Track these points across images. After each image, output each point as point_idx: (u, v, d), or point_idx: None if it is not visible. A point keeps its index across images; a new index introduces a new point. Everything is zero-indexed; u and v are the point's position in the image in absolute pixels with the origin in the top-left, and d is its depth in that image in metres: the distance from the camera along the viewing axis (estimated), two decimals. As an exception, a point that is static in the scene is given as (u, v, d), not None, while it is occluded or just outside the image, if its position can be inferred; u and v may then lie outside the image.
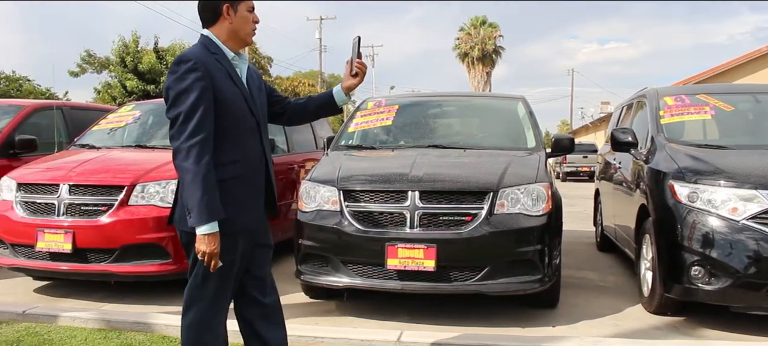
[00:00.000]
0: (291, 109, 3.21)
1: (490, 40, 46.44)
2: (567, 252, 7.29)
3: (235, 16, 2.82)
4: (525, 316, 4.96)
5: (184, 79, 2.64)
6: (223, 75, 2.75)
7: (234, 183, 2.75)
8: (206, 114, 2.64)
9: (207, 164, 2.60)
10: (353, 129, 6.39)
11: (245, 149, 2.82)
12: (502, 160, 5.17)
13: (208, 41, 2.81)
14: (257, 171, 2.90)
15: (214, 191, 2.62)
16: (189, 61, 2.66)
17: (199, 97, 2.63)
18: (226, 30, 2.83)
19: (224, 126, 2.71)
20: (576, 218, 11.22)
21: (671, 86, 9.36)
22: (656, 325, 4.81)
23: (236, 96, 2.78)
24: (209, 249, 2.62)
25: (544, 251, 4.66)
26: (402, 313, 5.01)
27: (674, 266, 4.64)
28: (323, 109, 3.23)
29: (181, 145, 2.61)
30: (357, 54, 3.06)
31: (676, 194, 4.73)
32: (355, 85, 3.09)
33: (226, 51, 2.83)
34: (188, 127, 2.61)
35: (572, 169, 30.79)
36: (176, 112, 2.64)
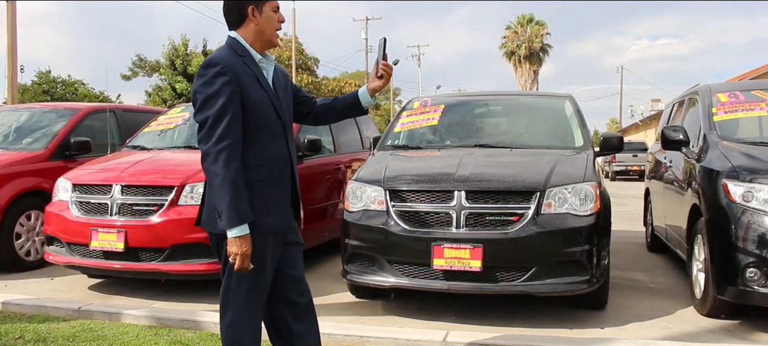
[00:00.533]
0: (317, 110, 3.22)
1: (537, 38, 45.95)
2: (616, 252, 7.18)
3: (260, 17, 2.83)
4: (572, 317, 4.90)
5: (213, 84, 2.66)
6: (250, 78, 2.76)
7: (261, 185, 2.77)
8: (234, 118, 2.67)
9: (236, 168, 2.63)
10: (399, 129, 6.39)
11: (272, 152, 2.84)
12: (550, 159, 5.12)
13: (236, 43, 2.83)
14: (283, 173, 2.92)
15: (244, 194, 2.65)
16: (217, 65, 2.68)
17: (227, 101, 2.65)
18: (252, 31, 2.84)
19: (251, 129, 2.73)
20: (626, 217, 11.04)
21: (725, 82, 9.12)
22: (709, 328, 4.70)
23: (263, 99, 2.80)
24: (240, 251, 2.65)
25: (592, 252, 4.59)
26: (448, 313, 5.00)
27: (728, 268, 4.52)
28: (349, 110, 3.23)
29: (209, 149, 2.64)
30: (383, 56, 3.04)
31: (729, 193, 4.61)
32: (380, 87, 3.08)
33: (253, 53, 2.84)
34: (216, 132, 2.63)
35: (622, 168, 30.33)
36: (204, 116, 2.66)
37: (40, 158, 7.13)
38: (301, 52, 43.27)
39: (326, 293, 5.70)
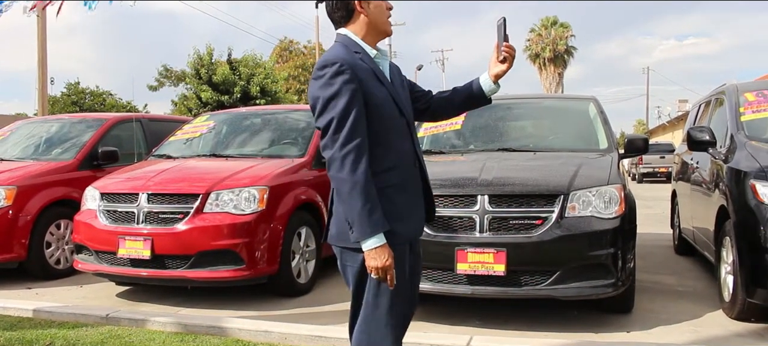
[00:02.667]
0: (436, 104, 2.96)
1: (561, 40, 45.75)
2: (642, 255, 7.10)
3: (368, 8, 2.64)
4: (598, 321, 4.86)
5: (332, 84, 2.45)
6: (369, 75, 2.55)
7: (392, 191, 2.54)
8: (359, 118, 2.45)
9: (365, 172, 2.41)
10: (422, 134, 6.39)
11: (399, 154, 2.61)
12: (573, 162, 5.09)
13: (348, 40, 2.64)
14: (413, 175, 2.69)
15: (376, 200, 2.43)
16: (334, 63, 2.48)
17: (349, 101, 2.44)
18: (363, 25, 2.65)
19: (375, 131, 2.52)
20: (653, 220, 10.92)
21: (753, 82, 8.99)
22: (739, 332, 4.63)
23: (385, 97, 2.59)
24: (381, 263, 2.42)
25: (618, 255, 4.55)
26: (472, 318, 4.99)
27: (757, 270, 4.45)
28: (470, 100, 2.93)
29: (334, 154, 2.43)
30: (504, 37, 2.77)
31: (758, 194, 4.55)
32: (504, 72, 2.80)
33: (368, 49, 2.64)
34: (341, 135, 2.42)
35: (649, 170, 30.01)
36: (327, 119, 2.45)
37: (68, 168, 7.24)
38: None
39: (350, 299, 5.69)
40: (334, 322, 4.93)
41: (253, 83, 24.72)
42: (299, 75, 41.78)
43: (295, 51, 45.18)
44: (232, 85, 24.53)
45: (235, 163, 6.21)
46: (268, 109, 8.23)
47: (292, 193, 5.85)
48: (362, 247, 2.43)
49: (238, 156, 6.60)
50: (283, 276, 5.66)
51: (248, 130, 7.34)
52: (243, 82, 24.66)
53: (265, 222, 5.47)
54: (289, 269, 5.70)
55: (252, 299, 5.71)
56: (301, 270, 5.92)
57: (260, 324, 4.75)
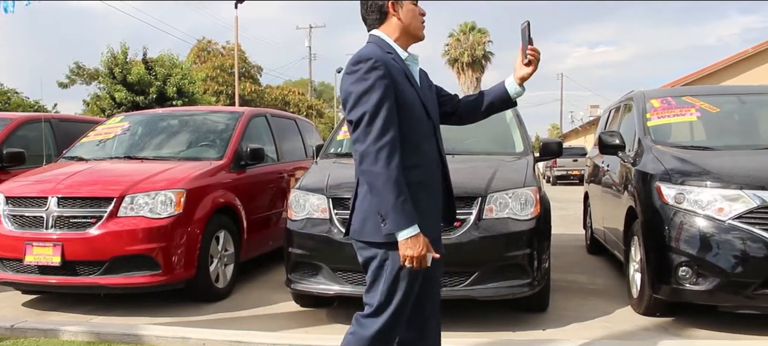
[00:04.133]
0: (462, 108, 3.04)
1: (479, 45, 46.63)
2: (557, 255, 7.31)
3: (402, 12, 2.72)
4: (515, 320, 4.97)
5: (366, 79, 2.51)
6: (401, 75, 2.63)
7: (416, 189, 2.59)
8: (392, 114, 2.51)
9: (398, 166, 2.48)
10: (342, 137, 6.39)
11: (424, 154, 2.69)
12: (491, 165, 5.19)
13: (380, 41, 2.71)
14: (436, 176, 2.77)
15: (408, 194, 2.49)
16: (369, 59, 2.55)
17: (383, 96, 2.50)
18: (395, 28, 2.73)
19: (403, 129, 2.58)
20: (566, 221, 11.26)
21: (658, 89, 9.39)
22: (646, 326, 4.84)
23: (414, 98, 2.66)
24: (417, 252, 2.48)
25: (533, 255, 4.68)
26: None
27: (662, 267, 4.66)
28: (496, 103, 2.99)
29: (368, 148, 2.48)
30: (528, 40, 2.82)
31: (663, 195, 4.76)
32: (529, 75, 2.87)
33: (400, 50, 2.72)
34: (374, 129, 2.48)
35: (562, 172, 30.89)
36: (360, 113, 2.51)
37: (-30, 171, 6.89)
38: (244, 60, 42.94)
39: (270, 302, 5.66)
40: (254, 326, 4.88)
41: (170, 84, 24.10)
42: (217, 76, 40.98)
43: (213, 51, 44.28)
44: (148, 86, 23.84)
45: (151, 165, 6.04)
46: (185, 111, 8.07)
47: (210, 196, 5.74)
48: (398, 237, 2.48)
49: (155, 158, 6.43)
50: (201, 281, 5.55)
51: (165, 132, 7.15)
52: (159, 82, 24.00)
53: (182, 226, 5.35)
54: (207, 274, 5.59)
55: (169, 305, 5.57)
56: (219, 274, 5.82)
57: (178, 330, 4.65)
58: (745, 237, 4.34)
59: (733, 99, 6.37)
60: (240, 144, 6.56)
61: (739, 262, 4.33)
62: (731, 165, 4.79)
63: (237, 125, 6.80)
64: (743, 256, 4.33)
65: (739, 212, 4.41)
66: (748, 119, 6.19)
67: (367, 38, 2.78)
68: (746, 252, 4.32)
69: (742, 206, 4.42)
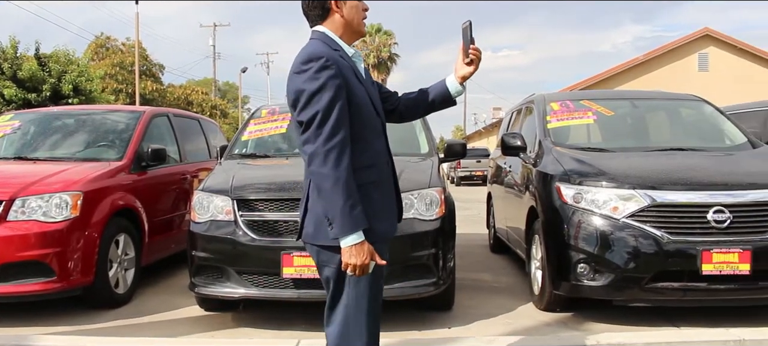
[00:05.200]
0: (403, 105, 2.97)
1: (385, 47, 47.08)
2: (461, 255, 7.44)
3: (345, 8, 2.64)
4: (421, 319, 5.03)
5: (318, 78, 2.43)
6: (350, 73, 2.56)
7: (371, 189, 2.55)
8: (343, 114, 2.45)
9: (347, 168, 2.41)
10: (247, 137, 6.30)
11: (377, 153, 2.64)
12: (396, 166, 5.21)
13: (326, 37, 2.62)
14: (387, 175, 2.72)
15: (357, 197, 2.42)
16: (321, 58, 2.46)
17: (334, 96, 2.43)
18: (338, 24, 2.65)
19: (355, 129, 2.51)
20: (470, 221, 11.48)
21: (558, 92, 9.74)
22: (547, 322, 5.00)
23: (364, 96, 2.60)
24: (360, 261, 2.42)
25: (439, 255, 4.75)
26: (299, 321, 4.97)
27: (562, 265, 4.83)
28: (437, 102, 2.95)
29: (317, 149, 2.40)
30: (470, 40, 2.79)
31: (562, 195, 4.93)
32: (470, 74, 2.83)
33: (346, 47, 2.66)
34: (325, 129, 2.40)
35: (466, 173, 31.45)
36: (311, 113, 2.42)
37: None
38: (145, 57, 41.64)
39: (174, 307, 5.51)
40: (156, 333, 4.74)
41: (65, 81, 23.06)
42: (117, 73, 39.53)
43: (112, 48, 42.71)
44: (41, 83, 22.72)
45: (44, 166, 5.76)
46: (83, 109, 7.74)
47: (109, 198, 5.53)
48: (341, 243, 2.42)
49: (49, 159, 6.13)
50: (100, 287, 5.33)
51: (60, 132, 6.83)
52: (53, 79, 22.92)
53: (78, 230, 5.12)
54: (106, 279, 5.38)
55: (65, 313, 5.32)
56: (119, 280, 5.61)
57: (75, 340, 4.47)
58: (637, 234, 4.56)
59: (627, 103, 6.68)
60: (141, 144, 6.35)
61: (632, 258, 4.55)
62: (625, 166, 5.01)
63: (137, 125, 6.58)
64: (636, 252, 4.54)
65: (632, 211, 4.62)
66: (640, 122, 6.51)
67: (310, 34, 2.69)
68: (638, 248, 4.54)
69: (634, 204, 4.63)
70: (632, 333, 4.52)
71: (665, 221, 4.59)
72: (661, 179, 4.76)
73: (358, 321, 2.60)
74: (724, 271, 4.46)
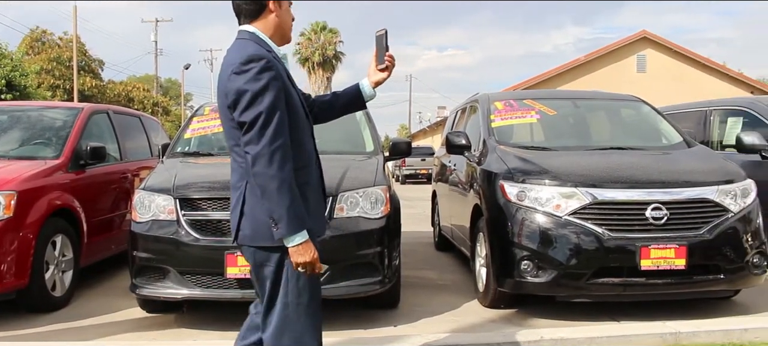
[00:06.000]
0: (318, 108, 3.02)
1: (330, 45, 46.89)
2: (406, 253, 7.47)
3: (280, 9, 2.65)
4: (367, 317, 5.03)
5: (260, 79, 2.43)
6: (285, 75, 2.59)
7: (304, 189, 2.57)
8: (284, 116, 2.47)
9: (291, 169, 2.44)
10: (189, 135, 6.20)
11: (308, 154, 2.68)
12: (341, 164, 5.21)
13: (257, 39, 2.61)
14: (317, 175, 2.76)
15: (299, 197, 2.47)
16: (262, 59, 2.46)
17: (276, 98, 2.44)
18: (271, 25, 2.65)
19: (291, 130, 2.53)
20: (415, 219, 11.53)
21: (501, 92, 9.87)
22: (491, 318, 5.05)
23: (296, 98, 2.64)
24: (309, 258, 2.46)
25: (384, 253, 4.75)
26: (243, 322, 4.90)
27: (506, 262, 4.89)
28: (350, 106, 3.05)
29: (261, 150, 2.40)
30: (385, 47, 2.88)
31: (506, 193, 4.99)
32: (383, 80, 2.92)
33: (276, 49, 2.66)
34: (269, 131, 2.40)
35: (411, 172, 31.66)
36: (254, 114, 2.42)
37: None
38: (83, 53, 40.53)
39: (114, 309, 5.38)
40: (95, 336, 4.62)
41: (-3, 76, 22.33)
42: (54, 69, 38.34)
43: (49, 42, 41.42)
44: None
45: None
46: (17, 106, 7.48)
47: (45, 198, 5.36)
48: (288, 244, 2.44)
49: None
50: (35, 290, 5.16)
51: (-7, 129, 6.60)
52: (-16, 74, 22.17)
53: (12, 231, 4.95)
54: (42, 282, 5.21)
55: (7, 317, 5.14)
56: (56, 282, 5.44)
57: None
58: (579, 231, 4.65)
59: (568, 103, 6.81)
60: (79, 142, 6.18)
61: (574, 254, 4.64)
62: (567, 165, 5.10)
63: (76, 122, 6.40)
64: (577, 249, 4.63)
65: (574, 209, 4.71)
66: (581, 122, 6.63)
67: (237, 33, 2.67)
68: (580, 245, 4.63)
69: (576, 202, 4.72)
70: (574, 328, 4.61)
71: (606, 218, 4.69)
72: (602, 177, 4.87)
73: (298, 319, 2.59)
74: (661, 266, 4.59)
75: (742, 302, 5.38)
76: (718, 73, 28.88)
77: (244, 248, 2.64)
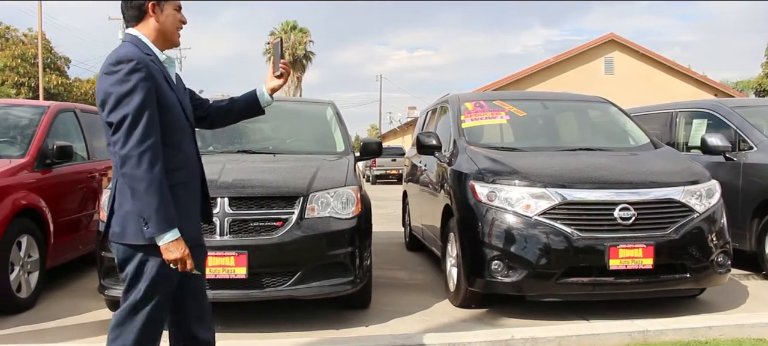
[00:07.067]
0: (214, 112, 3.10)
1: (300, 45, 46.79)
2: (378, 253, 7.48)
3: (161, 15, 2.69)
4: (339, 318, 5.02)
5: (127, 81, 2.47)
6: (160, 77, 2.61)
7: (179, 190, 2.63)
8: (153, 117, 2.51)
9: (160, 170, 2.49)
10: (159, 135, 6.12)
11: (185, 155, 2.72)
12: (312, 164, 5.20)
13: (138, 41, 2.66)
14: (196, 177, 2.82)
15: (170, 197, 2.52)
16: (130, 60, 2.50)
17: (145, 99, 2.48)
18: (152, 29, 2.69)
19: (165, 132, 2.58)
20: (386, 219, 11.54)
21: (472, 92, 9.92)
22: (462, 318, 5.07)
23: (173, 100, 2.66)
24: (181, 254, 2.53)
25: (355, 253, 4.75)
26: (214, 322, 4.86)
27: (476, 262, 4.92)
28: (246, 111, 3.15)
29: (130, 151, 2.45)
30: (280, 55, 3.04)
31: (476, 193, 5.02)
32: (279, 87, 3.06)
33: (158, 53, 2.70)
34: (136, 132, 2.45)
35: (382, 172, 31.66)
36: (120, 115, 2.46)
37: None
38: (49, 50, 39.87)
39: (81, 311, 5.30)
40: (62, 338, 4.55)
41: (-39, 74, 21.90)
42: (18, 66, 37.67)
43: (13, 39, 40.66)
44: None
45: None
46: (-20, 104, 7.33)
47: (10, 197, 5.26)
48: (159, 242, 2.50)
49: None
50: (0, 292, 5.07)
51: (-45, 128, 6.46)
52: (-53, 72, 21.72)
53: (-24, 231, 4.85)
54: (7, 283, 5.11)
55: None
56: (21, 283, 5.35)
57: (-29, 346, 4.23)
58: (548, 231, 4.69)
59: (538, 104, 6.87)
60: (45, 141, 6.07)
61: (543, 254, 4.68)
62: (537, 165, 5.15)
63: (41, 120, 6.29)
64: (547, 249, 4.67)
65: (544, 209, 4.76)
66: (550, 123, 6.70)
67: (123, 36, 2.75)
68: (550, 245, 4.67)
69: (546, 202, 4.77)
70: (545, 327, 4.64)
71: (575, 218, 4.75)
72: (572, 178, 4.92)
73: (142, 318, 2.66)
74: (629, 266, 4.66)
75: (708, 300, 5.48)
76: (683, 76, 29.39)
77: (113, 245, 2.69)
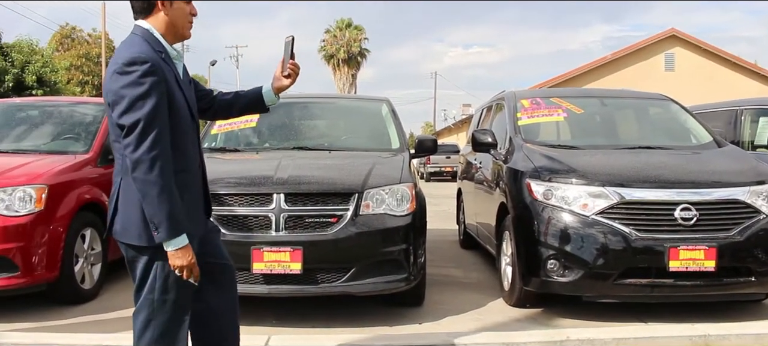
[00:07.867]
0: (217, 105, 3.07)
1: (355, 42, 46.94)
2: (431, 250, 7.43)
3: (170, 8, 2.64)
4: (392, 315, 5.02)
5: (142, 83, 2.43)
6: (171, 78, 2.58)
7: (182, 192, 2.58)
8: (165, 121, 2.49)
9: (170, 175, 2.48)
10: (216, 131, 6.23)
11: (189, 157, 2.70)
12: (367, 161, 5.22)
13: (150, 36, 2.61)
14: (198, 177, 2.80)
15: (179, 202, 2.51)
16: (146, 62, 2.46)
17: (158, 103, 2.45)
18: (162, 22, 2.64)
19: (173, 134, 2.55)
20: (440, 216, 11.50)
21: (528, 89, 9.81)
22: (516, 317, 5.02)
23: (182, 101, 2.63)
24: (187, 261, 2.53)
25: (409, 250, 4.75)
26: (269, 317, 4.94)
27: (532, 261, 4.86)
28: (250, 107, 3.11)
29: (142, 156, 2.42)
30: (290, 55, 2.93)
31: (532, 191, 4.96)
32: (286, 87, 2.98)
33: (169, 48, 2.66)
34: (149, 137, 2.42)
35: (436, 169, 31.58)
36: (133, 119, 2.42)
37: None
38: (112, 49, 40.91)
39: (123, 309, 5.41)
40: (123, 328, 4.65)
41: (29, 72, 22.65)
42: (82, 65, 38.91)
43: (78, 39, 41.97)
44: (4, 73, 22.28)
45: (8, 159, 5.62)
46: (48, 101, 7.61)
47: (74, 192, 5.42)
48: (167, 248, 2.49)
49: (13, 152, 5.99)
50: (65, 282, 5.23)
51: (25, 123, 6.69)
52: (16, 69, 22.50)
53: (43, 224, 5.02)
54: (71, 275, 5.27)
55: (29, 309, 5.22)
56: (85, 275, 5.51)
57: (39, 336, 4.37)
58: (606, 231, 4.60)
59: (596, 101, 6.74)
60: (108, 137, 6.24)
61: (601, 254, 4.59)
62: (594, 164, 5.06)
63: (105, 118, 6.46)
64: (604, 249, 4.59)
65: (601, 208, 4.67)
66: (609, 120, 6.57)
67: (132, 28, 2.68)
68: (607, 245, 4.58)
69: (603, 202, 4.68)
70: (601, 329, 4.56)
71: (634, 218, 4.64)
72: (630, 177, 4.81)
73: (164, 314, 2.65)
74: (690, 268, 4.53)
75: (773, 304, 5.30)
76: (748, 72, 28.43)
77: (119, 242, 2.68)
